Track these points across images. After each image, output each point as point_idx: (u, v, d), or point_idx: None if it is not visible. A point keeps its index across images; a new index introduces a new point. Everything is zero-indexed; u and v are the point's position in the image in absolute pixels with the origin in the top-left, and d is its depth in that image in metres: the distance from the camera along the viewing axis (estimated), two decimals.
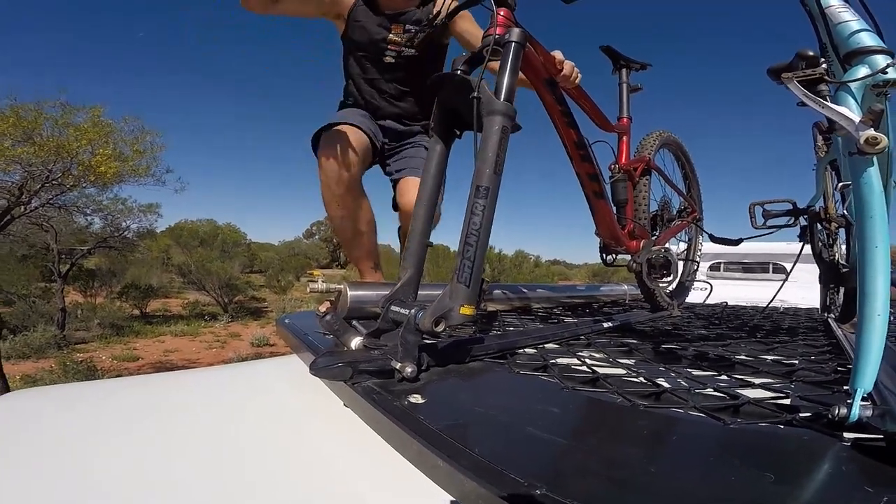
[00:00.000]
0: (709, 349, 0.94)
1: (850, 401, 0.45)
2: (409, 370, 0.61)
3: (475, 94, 0.79)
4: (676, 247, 1.94)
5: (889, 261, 0.48)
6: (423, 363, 0.66)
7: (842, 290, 1.59)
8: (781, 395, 0.60)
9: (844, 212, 1.34)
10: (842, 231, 1.45)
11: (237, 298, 15.02)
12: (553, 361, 0.76)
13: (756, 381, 0.67)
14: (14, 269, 10.40)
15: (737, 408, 0.55)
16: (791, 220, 1.38)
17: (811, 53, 0.59)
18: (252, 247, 23.13)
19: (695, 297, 2.07)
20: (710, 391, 0.61)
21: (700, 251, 2.03)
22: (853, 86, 0.52)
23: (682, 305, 1.86)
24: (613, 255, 1.49)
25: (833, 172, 1.43)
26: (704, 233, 1.68)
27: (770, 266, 3.73)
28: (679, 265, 1.59)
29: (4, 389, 6.02)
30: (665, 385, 0.64)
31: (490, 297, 1.43)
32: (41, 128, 7.33)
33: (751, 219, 1.36)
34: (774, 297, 1.51)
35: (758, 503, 0.35)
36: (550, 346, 0.96)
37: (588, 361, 0.78)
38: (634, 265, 1.45)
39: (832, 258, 1.47)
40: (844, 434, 0.45)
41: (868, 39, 0.55)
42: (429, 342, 0.74)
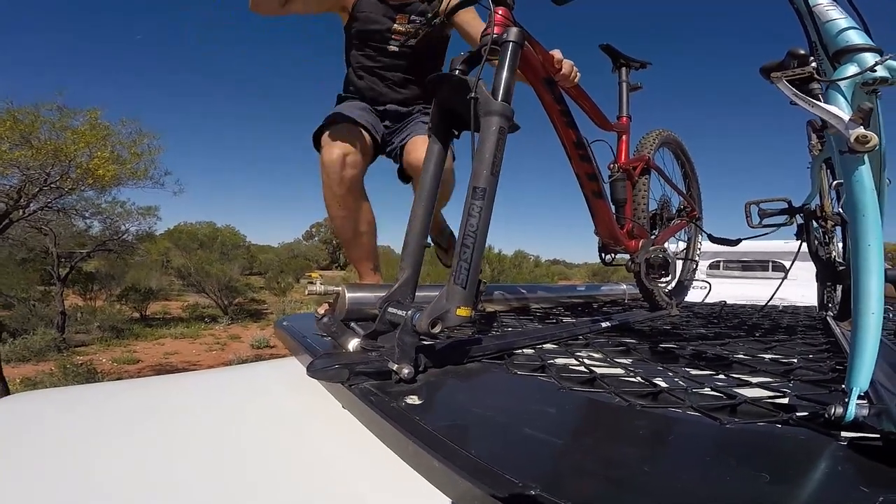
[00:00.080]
0: (707, 348, 0.94)
1: (847, 400, 0.45)
2: (406, 371, 0.61)
3: (472, 95, 0.78)
4: (676, 246, 1.94)
5: (882, 259, 0.48)
6: (421, 364, 0.66)
7: (839, 288, 1.60)
8: (779, 395, 0.60)
9: (840, 210, 1.35)
10: (838, 229, 1.46)
11: (237, 300, 15.00)
12: (551, 362, 0.76)
13: (754, 381, 0.67)
14: (13, 273, 10.38)
15: (734, 407, 0.55)
16: (787, 219, 1.38)
17: (802, 52, 0.60)
18: (251, 249, 23.12)
19: (694, 296, 2.07)
20: (708, 391, 0.61)
21: (699, 250, 2.03)
22: (843, 84, 0.52)
23: (681, 304, 1.86)
24: (612, 255, 1.49)
25: (828, 170, 1.43)
26: (703, 233, 1.68)
27: (769, 264, 3.73)
28: (678, 265, 1.59)
29: (4, 392, 6.01)
30: (662, 385, 0.64)
31: (488, 298, 1.43)
32: (38, 131, 7.33)
33: (746, 218, 1.36)
34: (773, 296, 1.51)
35: (754, 503, 0.35)
36: (548, 347, 0.96)
37: (586, 361, 0.78)
38: (633, 265, 1.45)
39: (829, 256, 1.47)
40: (841, 433, 0.45)
41: (856, 37, 0.55)
42: (426, 343, 0.74)
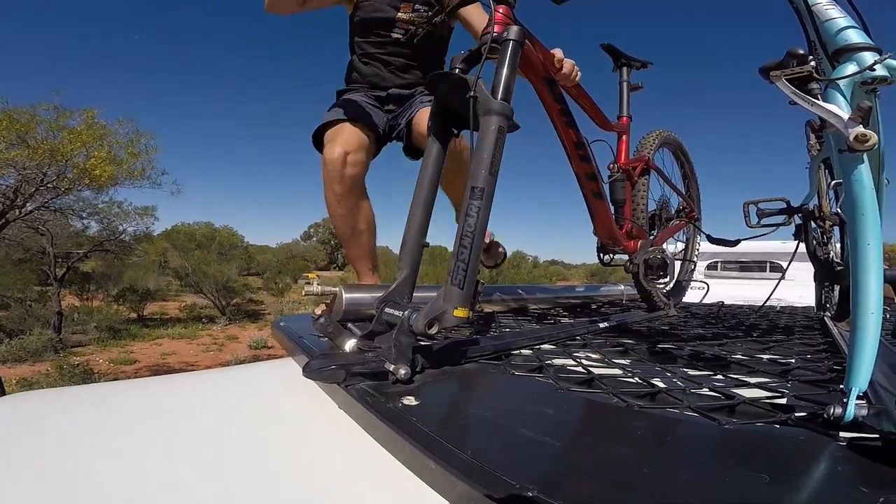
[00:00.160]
0: (705, 349, 0.94)
1: (846, 400, 0.45)
2: (403, 372, 0.61)
3: (472, 94, 0.78)
4: (674, 246, 1.94)
5: (882, 258, 0.48)
6: (418, 365, 0.66)
7: (837, 289, 1.60)
8: (777, 395, 0.60)
9: (838, 210, 1.35)
10: (836, 229, 1.46)
11: (235, 301, 14.97)
12: (548, 362, 0.76)
13: (752, 381, 0.67)
14: (10, 273, 10.34)
15: (732, 408, 0.54)
16: (785, 219, 1.38)
17: (801, 51, 0.59)
18: (249, 249, 23.05)
19: (692, 297, 2.07)
20: (706, 391, 0.61)
21: (697, 251, 2.03)
22: (842, 83, 0.52)
23: (679, 305, 1.86)
24: (611, 255, 1.49)
25: (826, 170, 1.43)
26: (702, 233, 1.68)
27: (767, 265, 3.74)
28: (676, 265, 1.58)
29: (0, 393, 5.98)
30: (660, 385, 0.64)
31: (486, 299, 1.43)
32: (35, 130, 7.31)
33: (745, 218, 1.36)
34: (770, 296, 1.51)
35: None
36: (546, 347, 0.95)
37: (584, 362, 0.78)
38: (631, 266, 1.44)
39: (827, 256, 1.47)
40: (840, 434, 0.45)
41: (855, 36, 0.55)
42: (423, 344, 0.73)
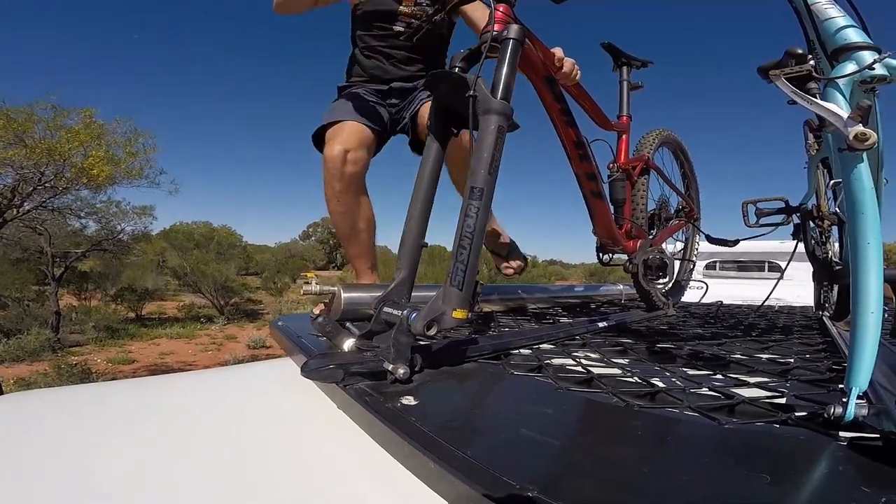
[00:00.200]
0: (704, 348, 0.94)
1: (846, 400, 0.45)
2: (402, 371, 0.61)
3: (471, 93, 0.78)
4: (673, 246, 1.94)
5: (881, 257, 0.48)
6: (416, 364, 0.65)
7: (835, 288, 1.60)
8: (777, 395, 0.60)
9: (837, 209, 1.35)
10: (834, 229, 1.46)
11: (233, 301, 14.95)
12: (548, 362, 0.76)
13: (751, 381, 0.67)
14: (7, 273, 10.31)
15: (732, 407, 0.54)
16: (784, 219, 1.38)
17: (800, 51, 0.59)
18: (248, 249, 23.01)
19: (690, 297, 2.07)
20: (706, 391, 0.61)
21: (696, 250, 2.03)
22: (841, 82, 0.52)
23: (678, 305, 1.86)
24: (610, 255, 1.48)
25: (825, 170, 1.43)
26: (701, 233, 1.68)
27: (765, 264, 3.75)
28: (675, 265, 1.58)
29: None
30: (660, 385, 0.63)
31: (485, 298, 1.42)
32: (33, 130, 7.29)
33: (743, 217, 1.36)
34: (769, 296, 1.51)
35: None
36: (545, 347, 0.95)
37: (583, 361, 0.78)
38: (630, 266, 1.44)
39: (825, 256, 1.47)
40: (840, 433, 0.44)
41: (855, 35, 0.55)
42: (422, 343, 0.73)
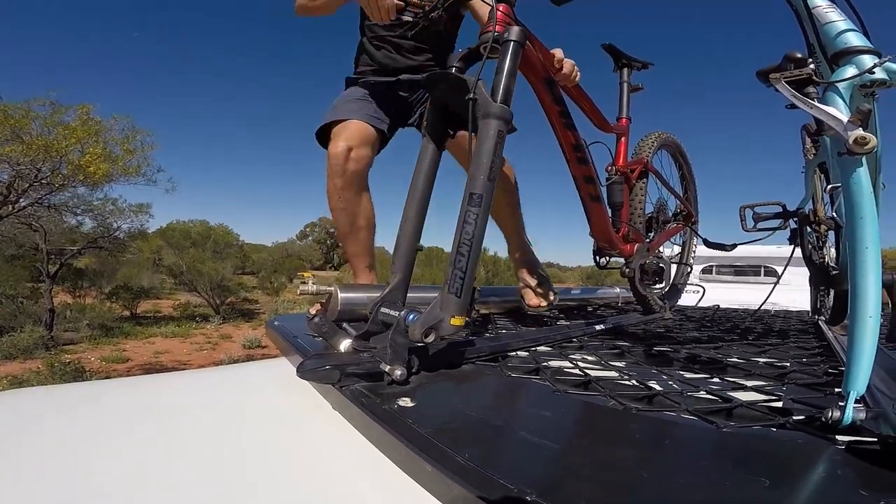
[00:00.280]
0: (701, 352, 0.94)
1: (844, 404, 0.45)
2: (399, 373, 0.60)
3: (471, 96, 0.77)
4: (671, 250, 1.94)
5: (880, 262, 0.48)
6: (413, 366, 0.65)
7: (832, 293, 1.60)
8: (774, 398, 0.60)
9: (833, 214, 1.35)
10: (831, 233, 1.46)
11: (229, 300, 14.87)
12: (545, 364, 0.76)
13: (748, 384, 0.67)
14: (2, 269, 10.22)
15: (729, 411, 0.54)
16: (781, 223, 1.38)
17: (799, 55, 0.59)
18: (245, 248, 22.92)
19: (687, 300, 2.07)
20: (703, 394, 0.61)
21: (694, 254, 2.03)
22: (841, 86, 0.52)
23: (674, 308, 1.86)
24: (607, 258, 1.48)
25: (822, 175, 1.43)
26: (699, 237, 1.68)
27: (761, 269, 3.77)
28: (672, 269, 1.58)
29: None
30: (657, 388, 0.63)
31: (483, 300, 1.42)
32: (30, 126, 7.26)
33: (741, 221, 1.36)
34: (766, 300, 1.52)
35: None
36: (542, 349, 0.95)
37: (580, 364, 0.78)
38: (627, 270, 1.44)
39: (822, 261, 1.48)
40: (838, 437, 0.45)
41: (855, 39, 0.55)
42: (419, 345, 0.73)
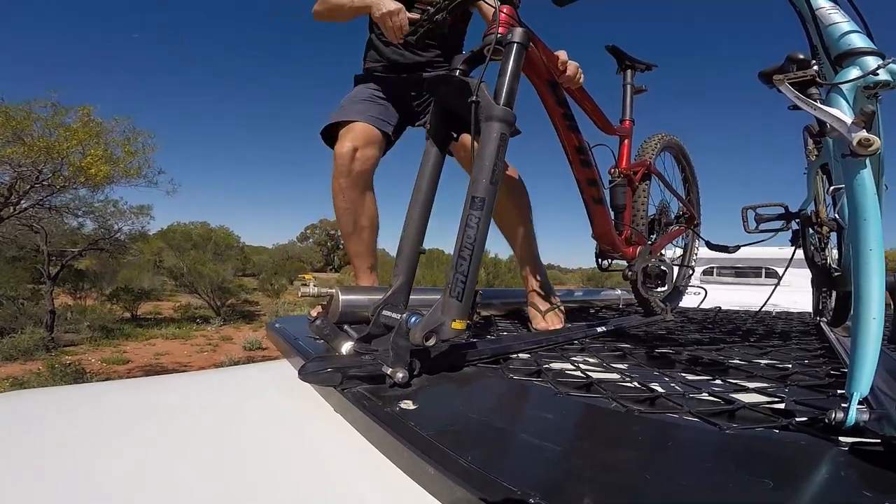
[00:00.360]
0: (703, 353, 0.94)
1: (847, 405, 0.44)
2: (401, 375, 0.60)
3: (474, 98, 0.77)
4: (672, 252, 1.93)
5: (883, 263, 0.48)
6: (415, 368, 0.65)
7: (834, 294, 1.60)
8: (776, 400, 0.60)
9: (836, 215, 1.35)
10: (833, 235, 1.46)
11: (230, 302, 14.86)
12: (547, 366, 0.76)
13: (751, 386, 0.67)
14: (3, 271, 10.22)
15: (732, 412, 0.54)
16: (783, 225, 1.38)
17: (801, 56, 0.59)
18: (245, 250, 22.95)
19: (688, 302, 2.07)
20: (705, 396, 0.61)
21: (696, 256, 2.03)
22: (845, 87, 0.52)
23: (676, 310, 1.86)
24: (609, 261, 1.48)
25: (824, 176, 1.43)
26: (702, 239, 1.68)
27: (763, 271, 3.76)
28: (674, 272, 1.58)
29: None
30: (659, 390, 0.63)
31: (485, 303, 1.42)
32: (31, 128, 7.27)
33: (743, 223, 1.35)
34: (767, 302, 1.51)
35: None
36: (544, 351, 0.95)
37: (582, 366, 0.78)
38: (630, 273, 1.43)
39: (824, 262, 1.48)
40: (841, 438, 0.44)
41: (859, 41, 0.55)
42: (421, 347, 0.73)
